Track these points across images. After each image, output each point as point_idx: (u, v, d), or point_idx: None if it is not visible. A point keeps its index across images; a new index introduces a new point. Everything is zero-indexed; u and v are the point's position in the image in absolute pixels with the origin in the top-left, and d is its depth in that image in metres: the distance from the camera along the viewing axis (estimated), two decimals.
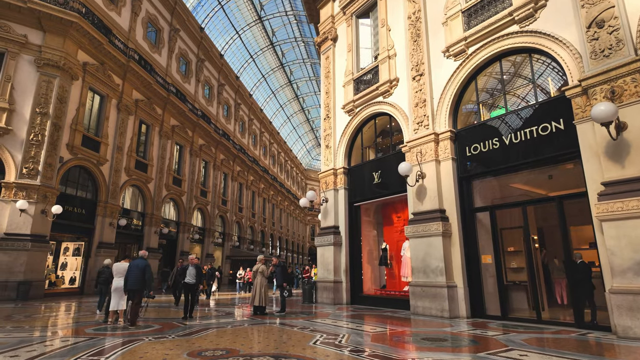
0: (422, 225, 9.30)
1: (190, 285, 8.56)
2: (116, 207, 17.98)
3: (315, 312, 9.54)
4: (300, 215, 56.98)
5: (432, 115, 9.89)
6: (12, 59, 13.98)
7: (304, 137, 59.92)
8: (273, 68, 39.94)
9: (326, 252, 12.20)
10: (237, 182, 33.66)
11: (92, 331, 6.38)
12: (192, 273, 8.66)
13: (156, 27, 22.58)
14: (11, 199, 13.28)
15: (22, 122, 13.89)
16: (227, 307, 11.76)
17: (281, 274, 9.83)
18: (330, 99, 13.56)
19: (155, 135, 21.82)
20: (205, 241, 27.35)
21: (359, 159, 12.73)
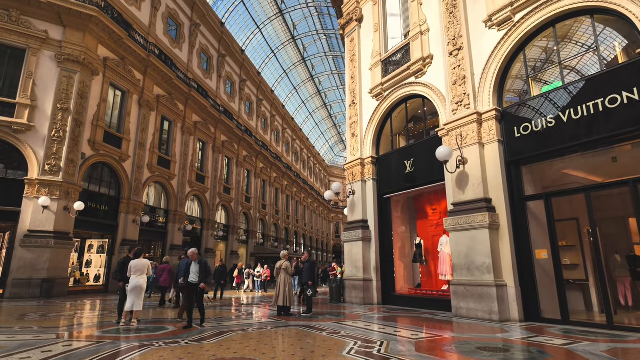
0: (464, 216, 8.27)
1: (193, 286, 6.91)
2: (139, 204, 17.75)
3: (345, 314, 8.68)
4: (324, 212, 56.25)
5: (474, 93, 8.81)
6: (34, 55, 13.84)
7: (327, 134, 59.05)
8: (294, 63, 39.28)
9: (354, 249, 11.31)
10: (260, 179, 33.23)
11: (101, 334, 5.79)
12: (195, 270, 6.96)
13: (176, 22, 22.29)
14: (34, 196, 13.13)
15: (44, 119, 13.72)
16: (248, 306, 11.08)
17: (309, 271, 8.88)
18: (356, 83, 12.63)
19: (178, 131, 21.55)
20: (229, 238, 27.02)
21: (388, 147, 11.76)
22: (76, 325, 6.73)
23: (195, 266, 6.95)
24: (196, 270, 6.90)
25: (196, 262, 7.01)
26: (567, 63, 8.02)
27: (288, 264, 8.27)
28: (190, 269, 6.92)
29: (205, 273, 6.94)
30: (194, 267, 6.94)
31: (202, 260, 7.07)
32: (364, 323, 7.21)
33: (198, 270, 6.88)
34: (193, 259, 7.07)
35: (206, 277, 6.98)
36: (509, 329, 6.55)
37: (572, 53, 8.10)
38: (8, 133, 12.98)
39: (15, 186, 13.07)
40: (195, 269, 6.92)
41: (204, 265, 6.96)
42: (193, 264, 6.98)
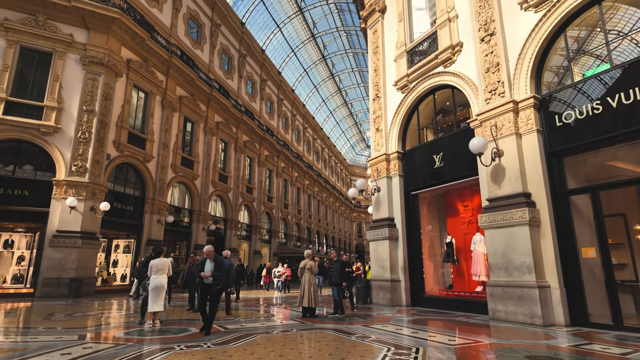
0: (501, 213, 7.69)
1: (208, 287, 6.16)
2: (163, 204, 17.87)
3: (373, 316, 8.27)
4: (345, 211, 55.77)
5: (509, 80, 8.21)
6: (60, 59, 14.08)
7: (348, 132, 58.49)
8: (315, 61, 39.00)
9: (380, 248, 10.86)
10: (282, 179, 33.14)
11: (122, 335, 5.63)
12: (209, 269, 6.21)
13: (197, 23, 22.40)
14: (62, 197, 13.34)
15: (70, 120, 13.94)
16: (271, 306, 10.82)
17: (339, 271, 8.42)
18: (380, 76, 12.17)
19: (200, 131, 21.65)
20: (252, 238, 27.01)
21: (415, 142, 11.24)
22: (99, 326, 6.61)
23: (210, 264, 6.20)
24: (211, 268, 6.16)
25: (211, 260, 6.25)
26: (614, 44, 7.32)
27: (312, 263, 7.94)
28: (205, 267, 6.21)
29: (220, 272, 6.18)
30: (208, 266, 6.19)
31: (218, 258, 6.33)
32: (394, 326, 6.78)
33: (213, 269, 6.15)
34: (209, 256, 6.33)
35: (220, 278, 6.14)
36: (555, 335, 5.98)
37: (620, 33, 7.40)
38: (36, 135, 13.24)
39: (44, 187, 13.32)
40: (210, 267, 6.18)
41: (219, 264, 6.21)
42: (208, 262, 6.24)
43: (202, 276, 6.09)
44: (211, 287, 6.05)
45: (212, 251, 6.36)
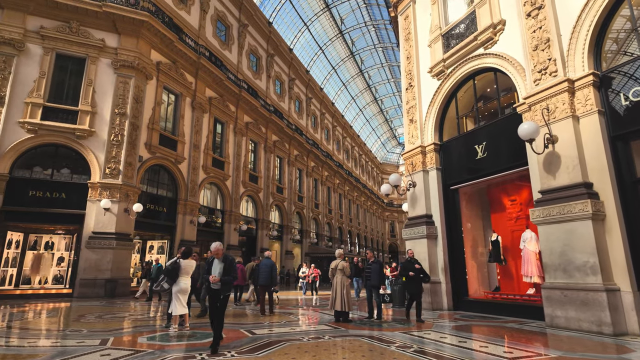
0: (557, 206, 6.81)
1: (216, 293, 4.99)
2: (195, 204, 17.94)
3: (413, 321, 7.60)
4: (377, 210, 54.68)
5: (562, 57, 7.29)
6: (93, 64, 14.36)
7: (378, 130, 57.34)
8: (343, 58, 38.37)
9: (417, 247, 10.12)
10: (312, 178, 32.79)
11: (146, 340, 5.33)
12: (218, 271, 5.07)
13: (225, 23, 22.45)
14: (97, 199, 13.55)
15: (103, 124, 14.17)
16: (301, 309, 10.35)
17: (377, 273, 7.80)
18: (413, 64, 11.43)
19: (230, 132, 21.66)
20: (283, 238, 26.82)
21: (453, 132, 10.42)
22: (124, 330, 6.39)
23: (219, 265, 5.07)
24: (219, 270, 5.03)
25: (220, 260, 5.14)
26: None
27: (345, 264, 7.38)
28: (212, 268, 5.11)
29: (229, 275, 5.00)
30: (217, 267, 5.08)
31: (229, 257, 5.20)
32: (437, 334, 6.11)
33: (222, 271, 5.02)
34: (217, 255, 5.18)
35: (229, 283, 5.01)
36: (631, 346, 5.10)
37: None
38: (72, 139, 13.54)
39: (80, 190, 13.59)
40: (218, 269, 5.05)
41: (228, 264, 5.08)
42: (216, 263, 5.12)
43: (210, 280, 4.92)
44: (219, 293, 4.94)
45: (220, 249, 5.23)
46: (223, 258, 5.15)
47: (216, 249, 5.19)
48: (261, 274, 9.01)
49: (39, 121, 13.01)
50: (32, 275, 13.44)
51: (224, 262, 5.09)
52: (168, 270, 6.51)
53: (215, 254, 5.19)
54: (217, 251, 5.19)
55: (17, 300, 11.79)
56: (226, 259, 5.13)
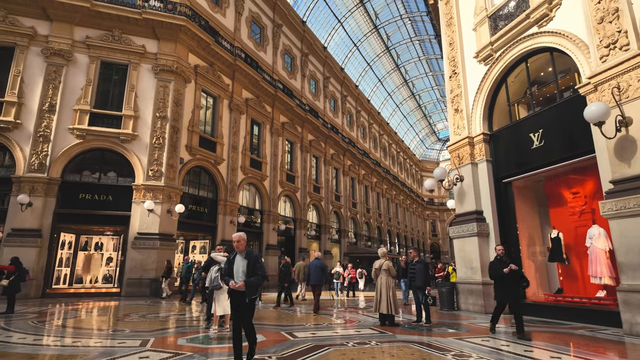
0: (634, 197, 5.94)
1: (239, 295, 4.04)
2: (235, 205, 18.10)
3: (465, 326, 6.98)
4: (417, 209, 53.09)
5: (635, 28, 6.39)
6: (134, 69, 14.82)
7: (416, 126, 55.66)
8: (378, 54, 37.54)
9: (467, 246, 9.42)
10: (349, 177, 32.31)
11: (185, 342, 5.18)
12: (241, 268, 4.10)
13: (259, 25, 22.57)
14: (141, 200, 13.93)
15: (146, 127, 14.57)
16: (344, 311, 9.95)
17: (423, 274, 7.19)
18: (456, 50, 10.69)
19: (267, 133, 21.73)
20: (322, 238, 26.57)
21: (504, 120, 9.60)
22: (165, 330, 6.32)
23: (242, 262, 4.09)
24: (243, 269, 4.05)
25: (243, 256, 4.13)
26: None
27: (390, 264, 6.90)
28: (234, 266, 4.11)
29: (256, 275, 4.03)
30: (239, 264, 4.09)
31: (253, 253, 4.21)
32: (496, 340, 5.50)
33: (246, 269, 4.04)
34: (238, 249, 4.16)
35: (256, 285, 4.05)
36: None
37: None
38: (117, 143, 14.02)
39: (126, 192, 14.03)
40: (241, 267, 4.07)
41: (253, 261, 4.09)
42: (239, 259, 4.12)
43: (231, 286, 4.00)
44: (243, 296, 4.00)
45: (242, 240, 4.15)
46: (246, 254, 4.13)
47: (238, 239, 4.11)
48: (312, 274, 9.34)
49: (86, 127, 13.58)
50: (83, 274, 14.07)
51: (247, 258, 4.09)
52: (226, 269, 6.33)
53: (237, 248, 4.13)
54: (239, 243, 4.11)
55: (71, 298, 12.34)
56: (250, 254, 4.14)
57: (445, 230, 55.58)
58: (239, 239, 4.12)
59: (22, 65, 13.36)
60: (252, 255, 4.16)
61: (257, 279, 4.01)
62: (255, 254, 4.23)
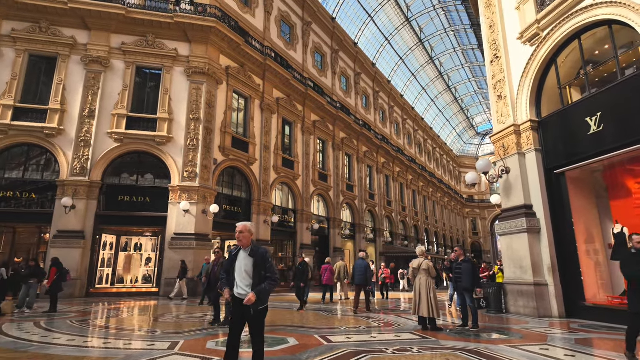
0: None
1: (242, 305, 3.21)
2: (268, 204, 18.05)
3: (518, 331, 6.31)
4: (456, 207, 51.10)
5: None
6: (168, 73, 15.10)
7: (453, 120, 53.60)
8: (411, 47, 36.42)
9: (515, 243, 8.65)
10: (383, 175, 31.54)
11: (214, 346, 4.95)
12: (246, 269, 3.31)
13: (289, 23, 22.46)
14: (177, 201, 14.14)
15: (180, 129, 14.79)
16: (380, 314, 9.47)
17: (470, 274, 6.52)
18: (497, 32, 9.90)
19: (298, 131, 21.57)
20: (356, 237, 26.07)
21: (554, 105, 8.73)
22: (196, 332, 6.16)
23: (247, 260, 3.29)
24: (247, 267, 3.26)
25: (247, 252, 3.31)
26: None
27: (430, 263, 6.37)
28: (236, 265, 3.30)
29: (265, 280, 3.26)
30: (243, 262, 3.28)
31: (260, 250, 3.38)
32: (556, 349, 4.85)
33: (251, 270, 3.25)
34: (242, 243, 3.33)
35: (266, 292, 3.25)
36: None
37: None
38: (153, 146, 14.32)
39: (162, 193, 14.30)
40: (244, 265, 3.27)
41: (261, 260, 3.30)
42: (242, 256, 3.31)
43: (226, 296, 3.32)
44: (247, 307, 3.16)
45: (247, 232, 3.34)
46: (252, 250, 3.29)
47: (241, 230, 3.26)
48: (356, 273, 9.37)
49: (124, 131, 13.97)
50: (124, 274, 14.49)
51: (253, 256, 3.26)
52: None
53: (240, 242, 3.27)
54: (242, 236, 3.27)
55: (112, 298, 12.72)
56: (257, 251, 3.30)
57: (486, 229, 53.18)
58: (242, 229, 3.26)
59: (64, 73, 13.96)
60: (259, 252, 3.33)
61: (269, 285, 3.21)
62: (263, 251, 3.38)
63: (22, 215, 13.48)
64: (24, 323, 6.83)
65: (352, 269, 10.12)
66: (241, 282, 3.27)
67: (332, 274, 12.30)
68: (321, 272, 12.55)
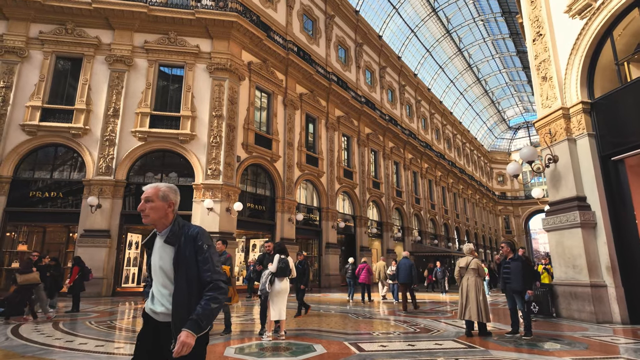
0: None
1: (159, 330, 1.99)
2: (293, 202, 17.63)
3: (578, 339, 5.48)
4: (488, 204, 49.06)
5: None
6: (190, 70, 14.92)
7: (483, 114, 51.48)
8: (438, 39, 35.10)
9: (567, 239, 7.74)
10: (411, 171, 30.50)
11: (231, 353, 4.47)
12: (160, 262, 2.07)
13: (311, 17, 21.97)
14: (200, 199, 13.92)
15: (203, 127, 14.57)
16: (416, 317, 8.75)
17: (522, 273, 5.67)
18: (540, 7, 8.96)
19: (322, 127, 21.03)
20: (383, 236, 25.27)
21: (610, 84, 7.76)
22: (215, 336, 5.72)
23: (164, 251, 1.94)
24: (163, 264, 1.91)
25: (164, 238, 1.95)
26: None
27: (479, 262, 5.65)
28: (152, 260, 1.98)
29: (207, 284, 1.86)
30: (158, 255, 1.96)
31: (189, 231, 1.96)
32: None
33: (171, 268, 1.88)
34: (152, 221, 1.97)
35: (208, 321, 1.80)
36: None
37: None
38: (176, 144, 14.17)
39: (186, 191, 14.08)
40: (162, 259, 1.93)
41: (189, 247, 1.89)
42: (158, 244, 1.99)
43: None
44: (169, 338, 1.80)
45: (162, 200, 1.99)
46: (170, 232, 1.94)
47: (148, 196, 1.99)
48: (401, 272, 9.59)
49: (147, 129, 13.88)
50: None
51: (173, 243, 1.92)
52: (281, 268, 5.71)
53: (145, 218, 1.97)
54: (150, 208, 1.97)
55: (138, 297, 12.60)
56: (179, 234, 1.94)
57: (520, 227, 50.82)
58: (149, 194, 1.97)
59: (89, 73, 14.02)
60: (188, 234, 1.93)
61: (213, 303, 1.82)
62: (194, 232, 1.94)
63: (51, 215, 13.62)
64: (43, 324, 6.63)
65: (396, 268, 10.43)
66: (157, 290, 1.90)
67: (368, 273, 12.23)
68: (356, 271, 12.57)
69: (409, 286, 9.56)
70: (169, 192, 2.02)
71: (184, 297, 1.81)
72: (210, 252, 1.93)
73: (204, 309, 1.78)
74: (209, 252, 1.92)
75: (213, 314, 1.82)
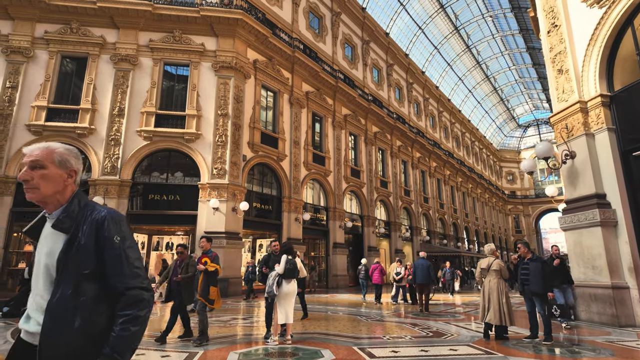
0: None
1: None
2: (299, 202, 17.43)
3: (602, 345, 5.17)
4: (498, 204, 48.37)
5: None
6: (195, 68, 14.78)
7: (492, 112, 50.75)
8: (446, 35, 34.62)
9: (586, 239, 7.40)
10: (419, 170, 30.11)
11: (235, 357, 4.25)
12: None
13: (317, 14, 21.73)
14: (206, 199, 13.77)
15: (208, 126, 14.42)
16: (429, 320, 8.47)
17: (541, 275, 5.32)
18: None
19: (329, 126, 20.79)
20: (391, 236, 24.95)
21: (630, 75, 7.39)
22: (219, 340, 5.53)
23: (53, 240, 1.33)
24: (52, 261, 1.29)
25: (54, 219, 1.34)
26: None
27: (501, 263, 5.36)
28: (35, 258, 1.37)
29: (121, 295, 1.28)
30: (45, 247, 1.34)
31: (95, 214, 1.34)
32: None
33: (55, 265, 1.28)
34: (38, 198, 1.32)
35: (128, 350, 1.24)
36: None
37: None
38: (182, 143, 14.03)
39: (192, 191, 13.98)
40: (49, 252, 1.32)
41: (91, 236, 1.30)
42: (46, 232, 1.37)
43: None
44: None
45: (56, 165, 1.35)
46: (65, 212, 1.34)
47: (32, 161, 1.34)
48: (418, 273, 9.47)
49: (153, 128, 13.76)
50: (155, 274, 14.30)
51: (65, 229, 1.32)
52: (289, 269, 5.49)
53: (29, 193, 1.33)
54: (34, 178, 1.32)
55: None
56: (76, 218, 1.34)
57: (530, 226, 50.02)
58: (35, 158, 1.34)
59: (94, 73, 13.95)
60: (89, 219, 1.35)
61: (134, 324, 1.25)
62: (102, 217, 1.35)
63: None
64: None
65: (413, 268, 10.28)
66: (35, 301, 1.32)
67: (381, 274, 12.19)
68: (369, 273, 12.59)
69: (426, 287, 9.40)
70: (68, 156, 1.40)
71: (65, 311, 1.21)
72: (125, 247, 1.32)
73: (120, 337, 1.21)
74: (122, 246, 1.32)
75: (135, 341, 1.25)
